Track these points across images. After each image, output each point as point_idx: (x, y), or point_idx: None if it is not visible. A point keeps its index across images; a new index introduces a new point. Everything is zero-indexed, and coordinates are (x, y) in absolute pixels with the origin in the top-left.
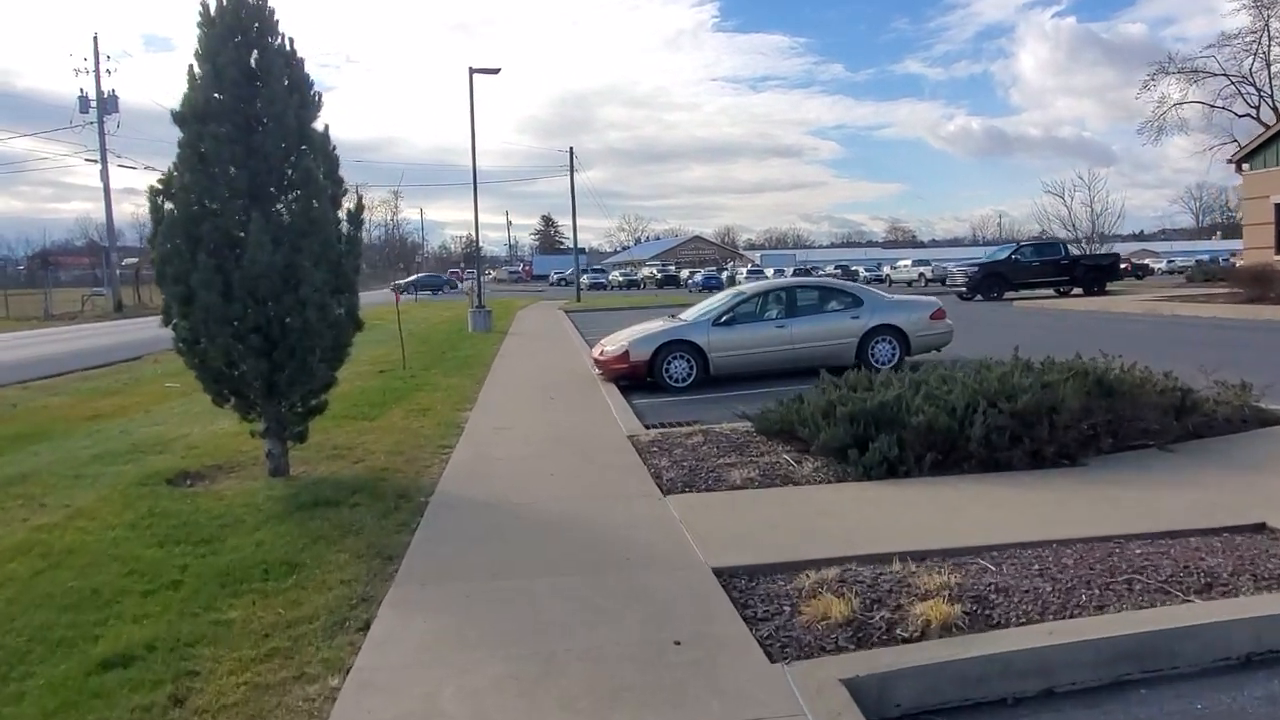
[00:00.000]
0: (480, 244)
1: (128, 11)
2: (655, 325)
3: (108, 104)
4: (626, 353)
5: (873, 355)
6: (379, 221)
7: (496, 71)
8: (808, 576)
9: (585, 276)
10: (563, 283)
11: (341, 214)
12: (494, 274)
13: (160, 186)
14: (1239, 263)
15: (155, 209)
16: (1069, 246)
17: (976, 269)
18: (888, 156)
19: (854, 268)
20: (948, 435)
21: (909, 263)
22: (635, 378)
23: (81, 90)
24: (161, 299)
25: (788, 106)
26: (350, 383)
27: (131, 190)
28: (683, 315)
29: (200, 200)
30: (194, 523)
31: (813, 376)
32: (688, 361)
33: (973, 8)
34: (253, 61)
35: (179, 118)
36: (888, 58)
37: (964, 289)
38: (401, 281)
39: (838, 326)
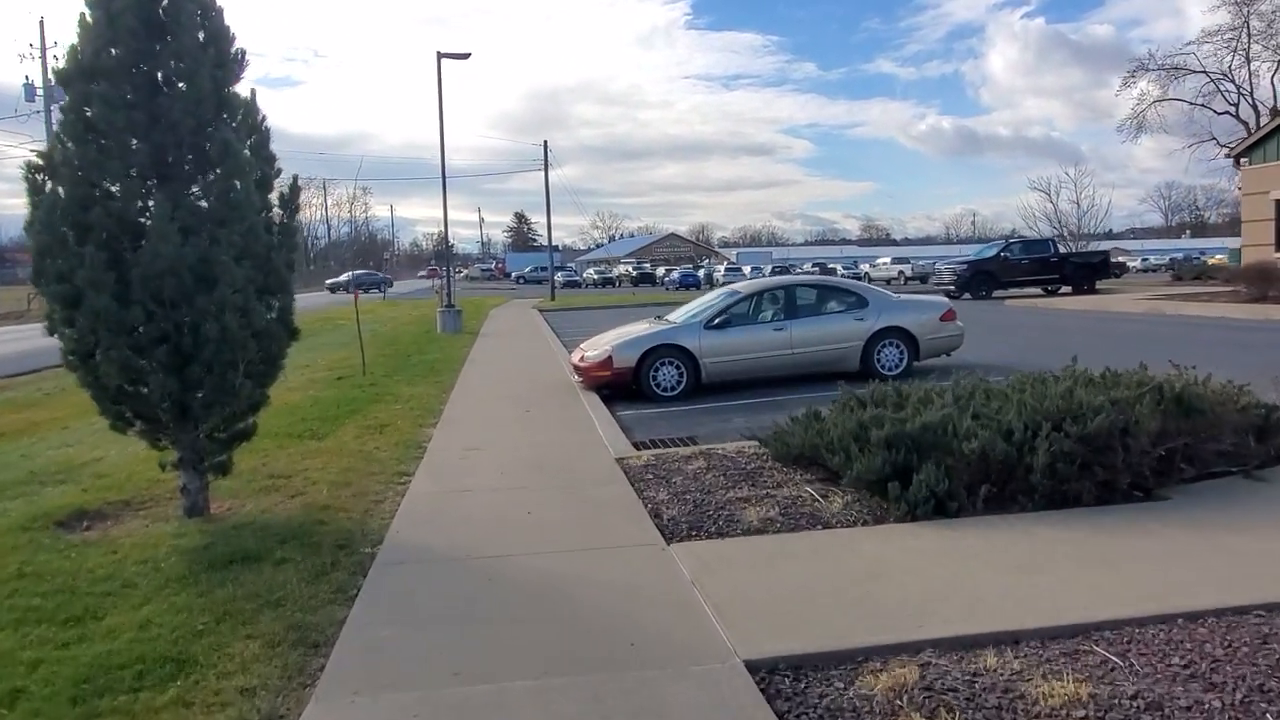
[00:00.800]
0: (452, 241)
1: None
2: (640, 328)
3: (57, 92)
4: (610, 358)
5: (878, 361)
6: (346, 218)
7: (466, 56)
8: (876, 676)
9: (559, 274)
10: (521, 280)
11: (273, 198)
12: (465, 271)
13: (41, 162)
14: (1213, 261)
15: (34, 189)
16: (1058, 244)
17: (965, 266)
18: (860, 155)
19: (831, 265)
20: (1005, 464)
21: (888, 260)
22: (619, 386)
23: (27, 78)
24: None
25: (760, 105)
26: (302, 391)
27: None
28: (670, 317)
29: (90, 179)
30: (71, 588)
31: (812, 383)
32: (677, 368)
33: (943, 8)
34: (160, 10)
35: (63, 76)
36: (860, 57)
37: (951, 287)
38: (333, 281)
39: (841, 329)
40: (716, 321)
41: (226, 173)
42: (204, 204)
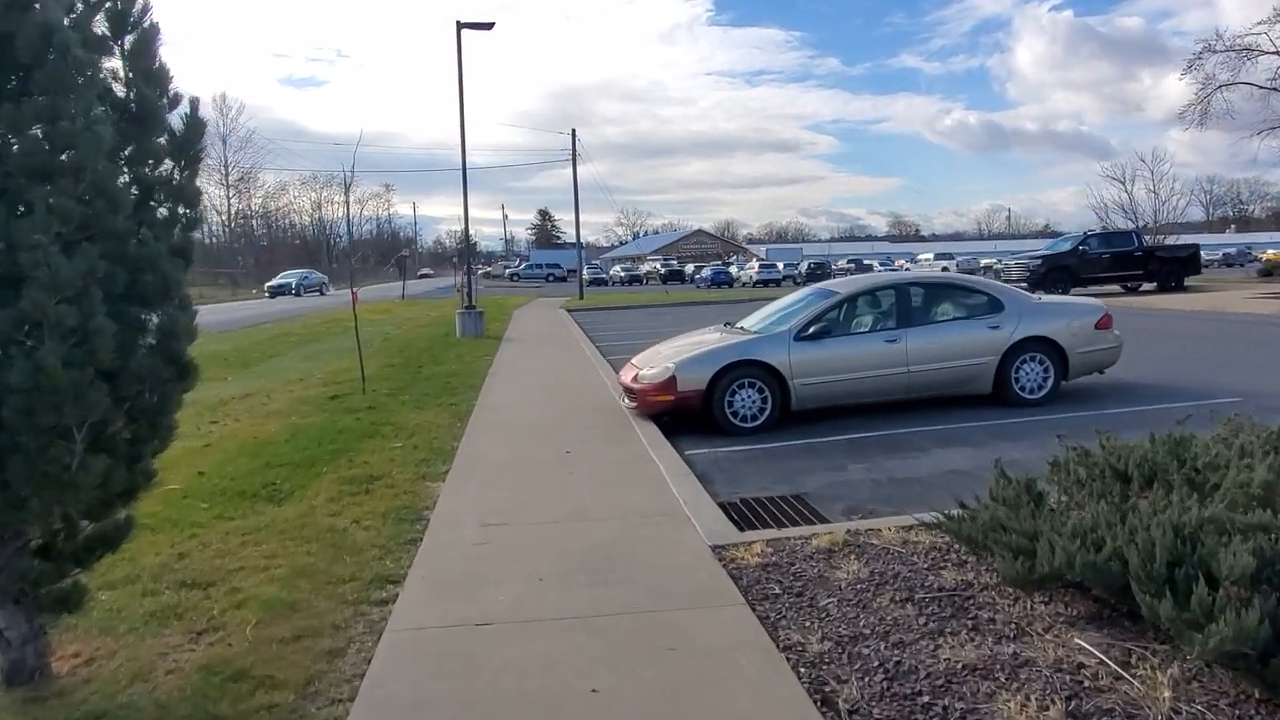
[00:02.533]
0: (474, 237)
1: None
2: (709, 338)
3: None
4: (673, 379)
5: (1017, 381)
6: (370, 216)
7: (489, 26)
8: None
9: (585, 271)
10: (515, 278)
11: (162, 143)
12: (489, 269)
13: None
14: (1266, 256)
15: None
16: (1142, 237)
17: (1039, 261)
18: (885, 151)
19: (867, 261)
20: None
21: (930, 256)
22: (684, 413)
23: None
24: None
25: (784, 101)
26: (283, 417)
27: None
28: (744, 324)
29: None
30: None
31: (931, 410)
32: (760, 391)
33: (969, 1)
34: None
35: None
36: (884, 52)
37: (1023, 283)
38: (272, 283)
39: (970, 340)
40: (810, 331)
41: (51, 85)
42: (10, 143)
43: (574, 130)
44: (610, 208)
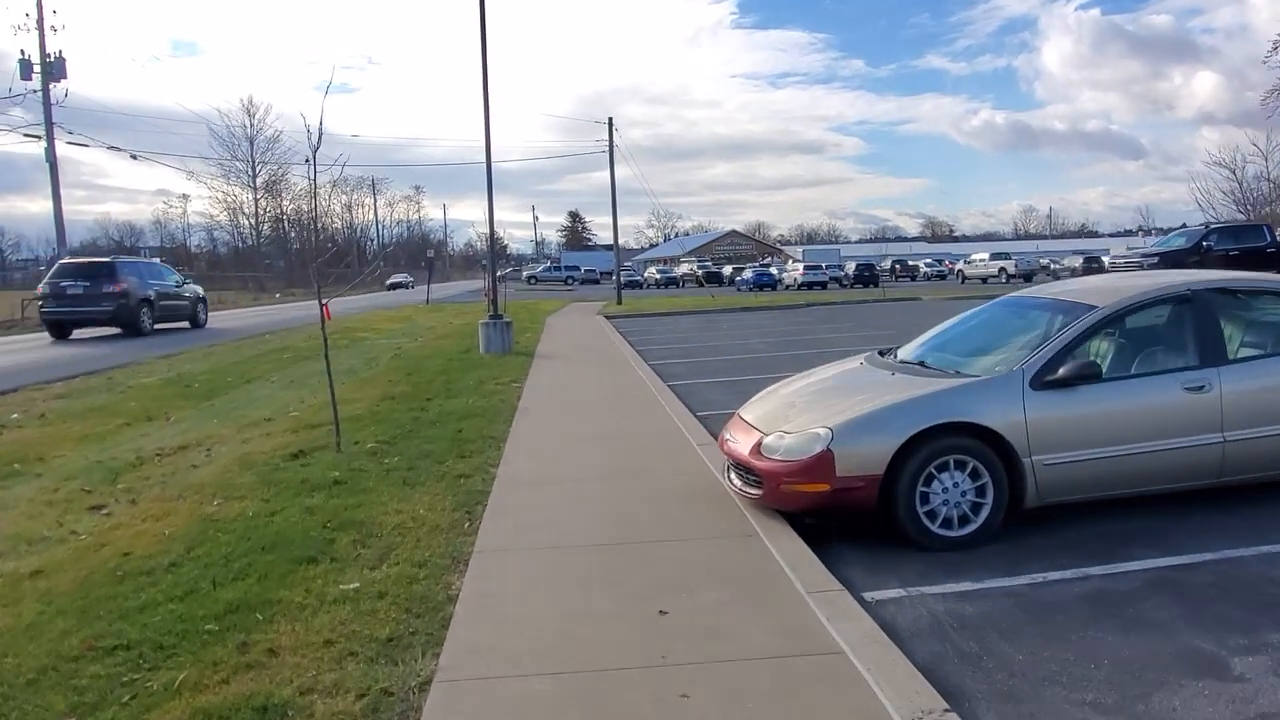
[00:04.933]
0: (504, 239)
1: None
2: (863, 377)
3: (54, 68)
4: (828, 457)
5: None
6: (400, 219)
7: None
8: None
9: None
10: (533, 280)
11: None
12: (526, 271)
13: None
14: None
15: None
16: (1274, 231)
17: (1156, 260)
18: (912, 152)
19: (913, 262)
20: None
21: (985, 256)
22: (848, 511)
23: (23, 52)
24: None
25: (809, 102)
26: (197, 503)
27: (164, 190)
28: (908, 354)
29: None
30: None
31: (1251, 503)
32: (974, 475)
33: (994, 1)
34: None
35: None
36: (909, 53)
37: None
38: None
39: None
40: (1061, 372)
41: None
42: None
43: (610, 119)
44: (640, 210)
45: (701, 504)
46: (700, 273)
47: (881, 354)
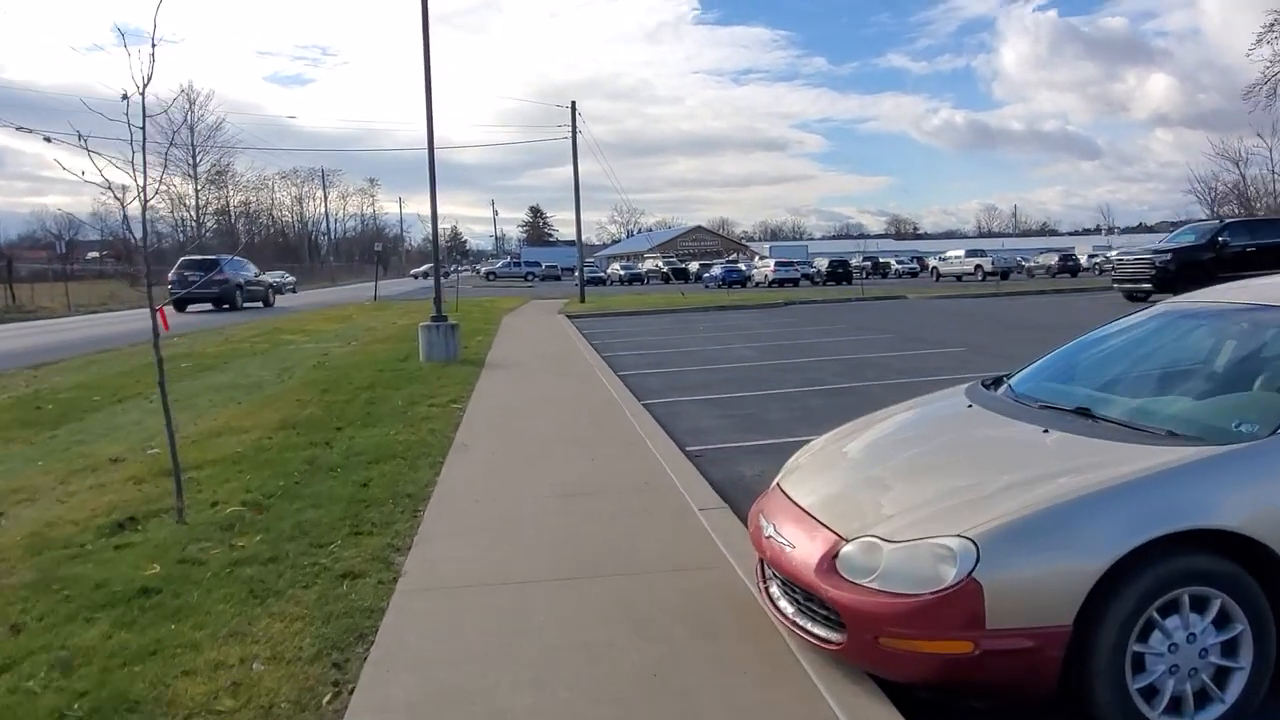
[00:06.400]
0: (463, 235)
1: None
2: (1024, 442)
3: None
4: (972, 593)
5: None
6: (354, 213)
7: None
8: None
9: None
10: (491, 276)
11: None
12: (484, 267)
13: None
14: None
15: None
16: None
17: (1169, 255)
18: (873, 150)
19: (883, 260)
20: None
21: (960, 253)
22: (1002, 690)
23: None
24: None
25: (771, 100)
26: None
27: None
28: (1042, 392)
29: None
30: None
31: None
32: (1221, 620)
33: (954, 1)
34: None
35: None
36: (870, 51)
37: (1146, 284)
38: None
39: None
40: None
41: None
42: None
43: (574, 103)
44: (603, 206)
45: (727, 640)
46: (666, 269)
47: (990, 386)
